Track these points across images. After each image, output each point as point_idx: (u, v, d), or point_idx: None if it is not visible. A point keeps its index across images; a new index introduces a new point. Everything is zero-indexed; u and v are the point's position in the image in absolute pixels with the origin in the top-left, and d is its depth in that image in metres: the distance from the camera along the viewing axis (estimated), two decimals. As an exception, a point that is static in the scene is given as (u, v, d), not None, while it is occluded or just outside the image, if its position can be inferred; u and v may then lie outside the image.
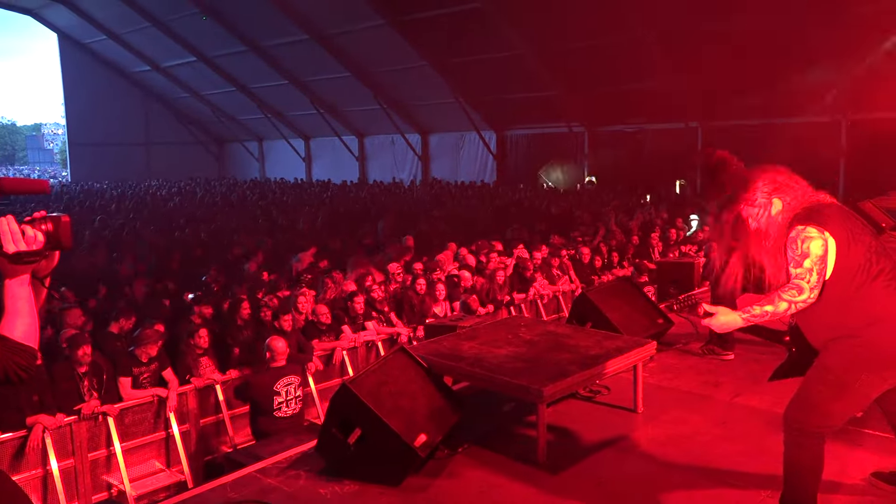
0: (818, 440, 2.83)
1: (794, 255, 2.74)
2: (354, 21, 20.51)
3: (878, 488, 3.28)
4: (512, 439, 4.07)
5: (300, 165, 31.51)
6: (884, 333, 2.70)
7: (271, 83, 26.55)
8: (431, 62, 21.54)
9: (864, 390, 2.77)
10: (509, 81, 21.13)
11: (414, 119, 26.10)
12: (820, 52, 15.09)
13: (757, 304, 2.78)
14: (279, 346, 6.06)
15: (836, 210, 2.80)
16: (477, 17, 18.34)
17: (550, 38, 18.36)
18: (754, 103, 17.17)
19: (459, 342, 4.49)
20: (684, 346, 5.53)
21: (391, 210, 17.14)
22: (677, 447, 3.83)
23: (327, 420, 3.79)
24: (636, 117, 20.64)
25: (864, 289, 2.72)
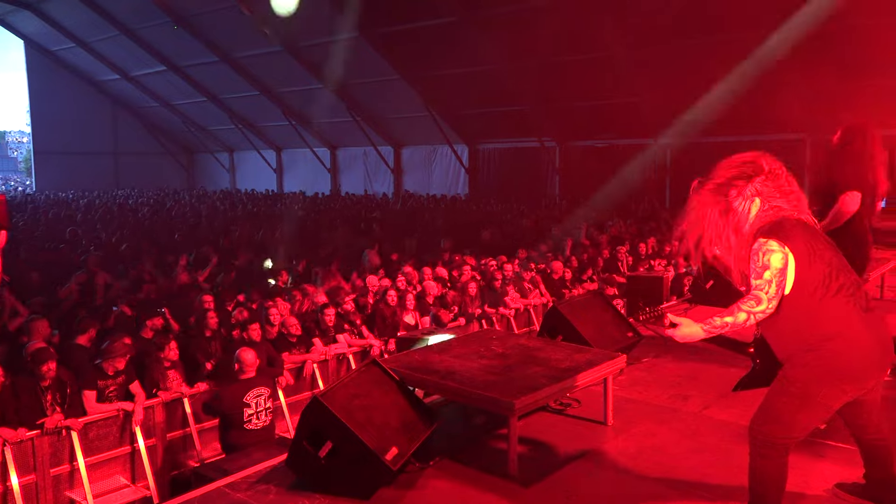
0: (782, 452, 2.88)
1: (756, 266, 2.81)
2: (327, 33, 20.51)
3: (841, 499, 3.35)
4: (483, 452, 4.08)
5: (271, 177, 31.32)
6: (844, 347, 2.77)
7: (243, 94, 26.41)
8: (404, 75, 21.62)
9: (826, 402, 2.84)
10: (482, 95, 21.29)
11: (387, 132, 26.14)
12: (785, 71, 15.48)
13: (717, 316, 2.85)
14: (248, 358, 6.01)
15: (799, 226, 2.88)
16: (450, 32, 18.47)
17: (523, 54, 18.55)
18: (720, 120, 17.53)
19: (431, 355, 4.49)
20: (653, 359, 5.60)
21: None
22: (647, 459, 3.87)
23: (298, 433, 3.76)
24: (606, 133, 20.93)
25: (825, 303, 2.79)
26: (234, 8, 20.47)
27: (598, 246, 12.95)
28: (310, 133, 27.93)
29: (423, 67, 21.09)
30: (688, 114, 18.14)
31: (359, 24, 19.70)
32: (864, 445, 3.17)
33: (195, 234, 15.23)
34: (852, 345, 2.78)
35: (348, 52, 21.12)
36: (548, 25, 16.90)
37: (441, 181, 25.57)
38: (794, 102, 16.19)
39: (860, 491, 3.29)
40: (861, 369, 2.83)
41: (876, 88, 14.56)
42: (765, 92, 16.14)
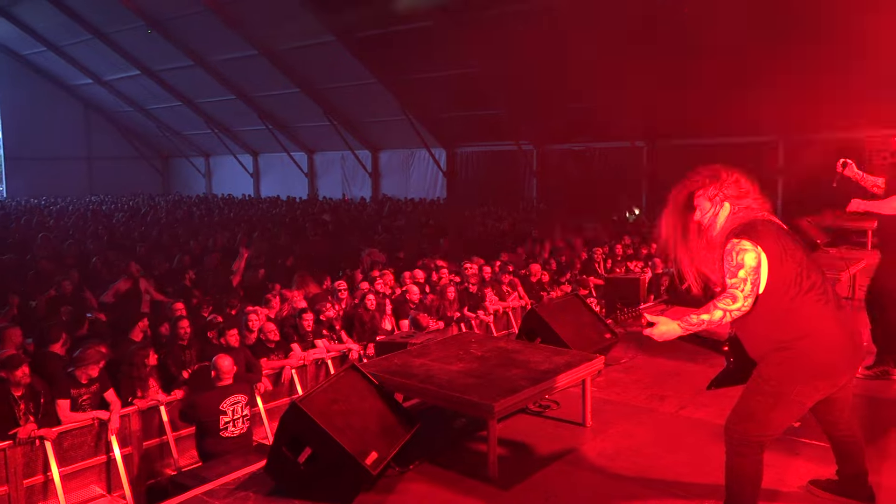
0: (757, 449, 2.92)
1: (730, 266, 2.87)
2: (304, 37, 20.45)
3: (815, 496, 3.40)
4: (463, 455, 4.08)
5: (248, 181, 31.13)
6: (816, 345, 2.82)
7: (218, 98, 26.21)
8: (382, 79, 21.62)
9: (799, 400, 2.89)
10: (459, 99, 21.35)
11: (364, 136, 26.10)
12: (760, 75, 15.72)
13: (694, 314, 2.90)
14: (225, 365, 5.95)
15: (771, 226, 2.94)
16: (428, 36, 18.51)
17: (500, 57, 18.63)
18: (696, 124, 17.77)
19: (410, 359, 4.49)
20: (631, 360, 5.64)
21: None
22: (625, 460, 3.90)
23: (277, 439, 3.73)
24: (584, 136, 21.09)
25: (797, 302, 2.84)
26: (208, 11, 20.35)
27: (576, 248, 13.03)
28: (287, 137, 27.82)
29: (400, 71, 21.11)
30: (664, 117, 18.39)
31: (335, 29, 19.68)
32: (836, 442, 3.23)
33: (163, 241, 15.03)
34: (825, 343, 2.83)
35: (325, 56, 21.10)
36: (524, 29, 17.00)
37: (419, 185, 25.57)
38: (768, 105, 16.44)
39: (834, 487, 3.34)
40: (834, 367, 2.88)
41: (847, 90, 14.82)
42: (739, 95, 16.37)
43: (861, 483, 3.26)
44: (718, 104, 16.91)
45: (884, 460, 3.72)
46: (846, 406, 3.13)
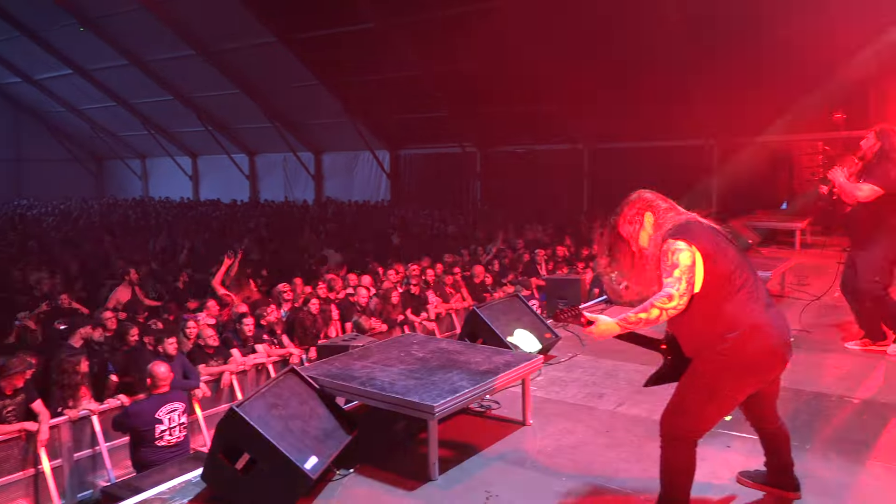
0: (690, 443, 3.00)
1: (666, 266, 2.95)
2: (244, 37, 20.12)
3: (745, 487, 3.51)
4: (405, 457, 4.07)
5: (187, 184, 30.42)
6: (747, 342, 2.92)
7: (155, 98, 25.52)
8: (324, 81, 21.42)
9: (731, 395, 2.98)
10: (403, 101, 21.32)
11: (307, 138, 25.81)
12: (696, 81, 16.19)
13: (632, 312, 2.97)
14: (161, 372, 5.80)
15: (704, 227, 3.04)
16: (370, 37, 18.43)
17: (442, 60, 18.69)
18: (635, 127, 18.17)
19: (351, 362, 4.46)
20: (571, 359, 5.72)
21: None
22: (564, 457, 3.96)
23: (213, 446, 3.66)
24: (527, 138, 21.33)
25: (729, 300, 2.94)
26: (143, 9, 19.81)
27: (519, 250, 13.16)
28: (227, 139, 27.29)
29: (343, 73, 20.96)
30: (605, 120, 18.74)
31: (277, 29, 19.42)
32: (764, 435, 3.34)
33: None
34: (756, 339, 2.92)
35: (266, 56, 20.80)
36: (467, 32, 17.08)
37: (363, 187, 25.43)
38: (703, 110, 16.95)
39: (762, 478, 3.46)
40: (764, 362, 2.98)
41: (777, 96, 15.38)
42: (676, 100, 16.82)
43: (787, 473, 3.38)
44: (656, 108, 17.35)
45: (808, 451, 3.87)
46: (774, 400, 3.25)
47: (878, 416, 4.43)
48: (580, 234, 15.12)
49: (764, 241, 11.44)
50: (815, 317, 7.00)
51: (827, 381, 5.12)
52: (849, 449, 3.95)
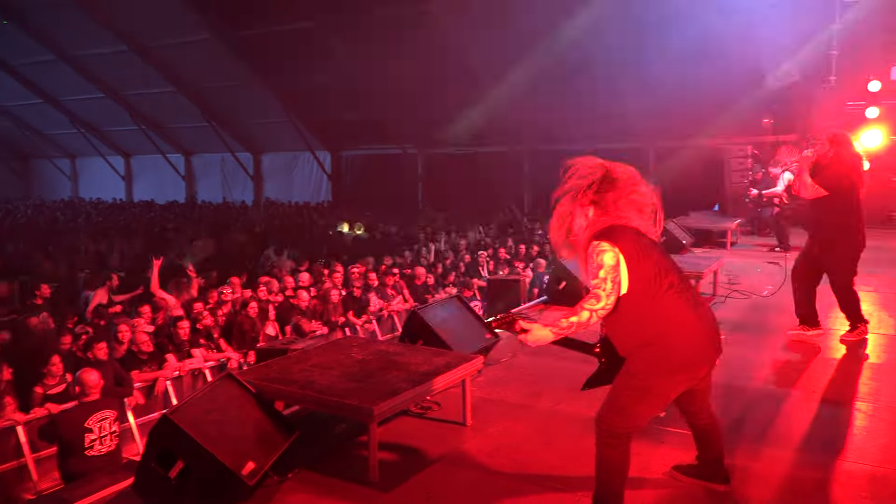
0: (625, 440, 3.07)
1: (592, 267, 3.01)
2: (179, 34, 19.63)
3: (677, 480, 3.61)
4: (344, 460, 4.04)
5: (119, 185, 29.51)
6: (678, 340, 3.00)
7: (85, 96, 24.65)
8: (263, 80, 21.10)
9: (663, 392, 3.06)
10: (343, 102, 21.17)
11: (245, 138, 25.37)
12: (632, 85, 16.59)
13: (563, 317, 3.01)
14: (91, 379, 5.60)
15: (627, 230, 3.10)
16: (309, 37, 18.24)
17: (382, 61, 18.63)
18: (574, 129, 18.49)
19: (290, 365, 4.40)
20: (511, 359, 5.78)
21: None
22: (504, 456, 3.99)
23: (146, 454, 3.56)
24: (467, 141, 21.44)
25: (658, 301, 3.01)
26: (72, 2, 19.11)
27: (460, 251, 13.22)
28: (162, 138, 26.58)
29: (282, 72, 20.68)
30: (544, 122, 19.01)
31: (213, 26, 19.03)
32: (696, 430, 3.44)
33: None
34: (685, 338, 3.01)
35: (202, 54, 20.34)
36: (406, 33, 17.10)
37: (303, 188, 25.16)
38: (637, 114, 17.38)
39: (694, 471, 3.56)
40: (694, 360, 3.07)
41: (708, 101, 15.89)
42: (612, 105, 17.20)
43: (718, 466, 3.50)
44: (595, 112, 17.70)
45: (738, 445, 4.00)
46: (706, 396, 3.35)
47: (805, 408, 4.63)
48: (521, 234, 15.28)
49: (697, 242, 11.78)
50: (746, 313, 7.25)
51: (757, 375, 5.32)
52: (777, 440, 4.11)
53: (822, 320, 6.33)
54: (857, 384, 5.07)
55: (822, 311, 6.34)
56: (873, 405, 4.64)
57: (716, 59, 14.75)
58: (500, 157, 21.23)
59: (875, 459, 3.85)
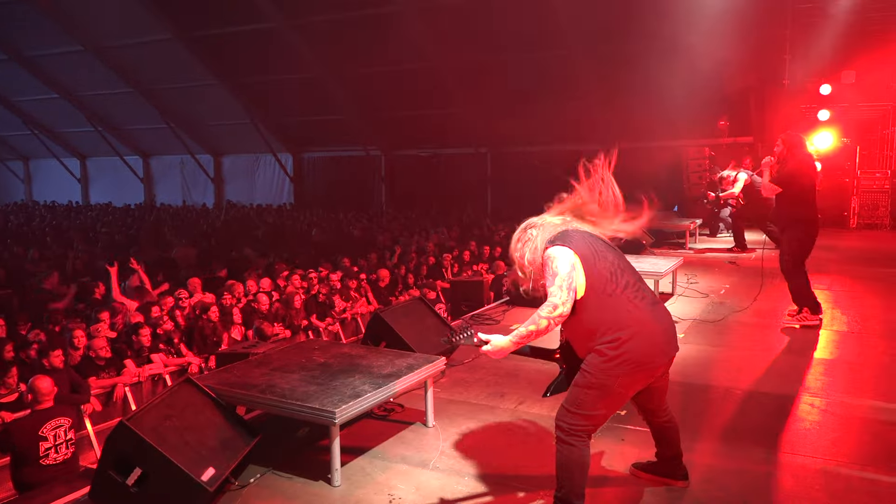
0: (585, 438, 3.11)
1: (548, 275, 3.05)
2: (137, 34, 19.26)
3: (638, 477, 3.67)
4: (307, 464, 4.01)
5: (75, 187, 28.83)
6: (635, 339, 3.04)
7: (39, 97, 24.03)
8: (223, 81, 20.84)
9: (621, 391, 3.10)
10: (305, 103, 21.02)
11: (205, 139, 25.01)
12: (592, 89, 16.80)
13: (522, 326, 3.04)
14: (44, 386, 5.46)
15: (580, 233, 3.16)
16: (271, 37, 18.08)
17: (346, 62, 18.56)
18: (536, 131, 18.65)
19: (250, 369, 4.35)
20: (474, 360, 5.80)
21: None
22: (467, 458, 4.00)
23: (102, 462, 3.49)
24: (429, 142, 21.48)
25: (614, 301, 3.06)
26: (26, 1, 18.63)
27: (424, 253, 13.22)
28: (119, 140, 26.05)
29: (243, 73, 20.46)
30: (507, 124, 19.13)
31: (171, 26, 18.72)
32: (655, 427, 3.50)
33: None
34: (642, 336, 3.06)
35: (161, 54, 20.00)
36: (368, 34, 17.05)
37: (265, 190, 24.90)
38: (597, 117, 17.58)
39: (653, 468, 3.62)
40: (651, 358, 3.12)
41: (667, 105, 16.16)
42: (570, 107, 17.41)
43: (677, 463, 3.56)
44: (556, 114, 17.88)
45: (696, 441, 4.08)
46: (663, 394, 3.41)
47: (760, 404, 4.73)
48: (484, 236, 15.34)
49: (657, 243, 11.98)
50: (704, 312, 7.39)
51: (715, 373, 5.42)
52: (734, 437, 4.20)
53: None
54: (811, 380, 5.21)
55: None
56: (826, 400, 4.77)
57: (675, 63, 15.04)
58: (463, 159, 21.30)
59: (827, 453, 3.96)
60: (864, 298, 7.90)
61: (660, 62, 15.28)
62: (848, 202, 14.61)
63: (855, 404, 4.70)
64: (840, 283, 8.74)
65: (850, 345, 6.15)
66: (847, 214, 14.67)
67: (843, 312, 7.24)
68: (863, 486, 3.57)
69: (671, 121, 16.27)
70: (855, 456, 3.92)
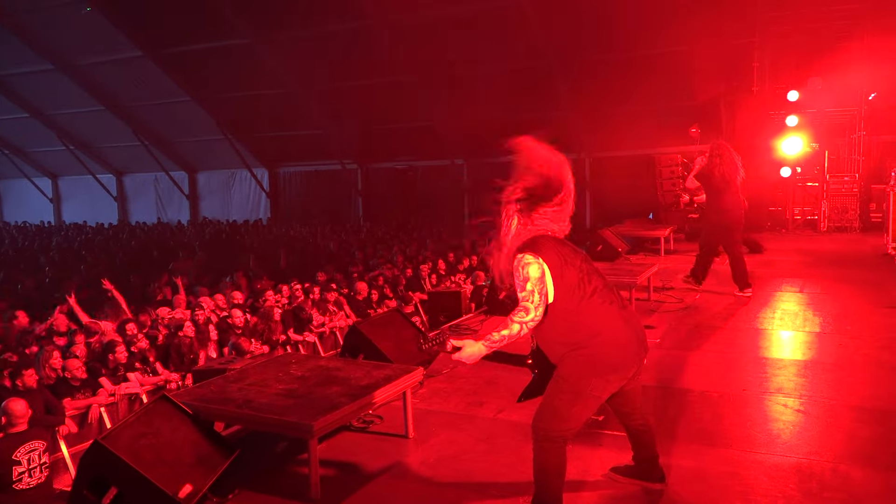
0: (561, 443, 3.13)
1: (518, 281, 3.08)
2: (107, 52, 19.13)
3: (615, 481, 3.69)
4: (286, 478, 3.99)
5: (47, 207, 28.43)
6: (606, 342, 3.09)
7: (8, 116, 23.72)
8: (196, 97, 20.75)
9: (594, 394, 3.14)
10: (280, 118, 21.00)
11: (179, 156, 24.85)
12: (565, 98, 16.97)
13: (495, 331, 3.07)
14: (17, 409, 5.36)
15: (549, 240, 3.17)
16: (244, 53, 18.06)
17: (319, 77, 18.58)
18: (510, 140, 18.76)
19: (227, 385, 4.33)
20: (453, 370, 5.81)
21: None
22: (446, 466, 4.01)
23: (77, 482, 3.46)
24: (406, 154, 21.53)
25: (584, 306, 3.10)
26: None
27: (401, 265, 13.21)
28: (91, 158, 25.78)
29: (216, 89, 20.39)
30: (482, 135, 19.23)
31: (143, 43, 18.62)
32: (631, 431, 3.53)
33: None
34: (613, 340, 3.10)
35: (132, 71, 19.88)
36: (340, 50, 17.10)
37: (241, 206, 24.77)
38: (573, 127, 17.76)
39: (630, 472, 3.65)
40: (622, 360, 3.16)
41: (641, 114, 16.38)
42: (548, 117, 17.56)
43: (653, 465, 3.60)
44: (531, 124, 17.95)
45: (672, 444, 4.12)
46: (637, 397, 3.44)
47: (735, 407, 4.79)
48: (462, 247, 15.37)
49: (632, 249, 12.08)
50: (680, 317, 7.46)
51: (690, 376, 5.48)
52: (709, 439, 4.24)
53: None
54: (784, 381, 5.28)
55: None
56: (800, 400, 4.85)
57: (648, 71, 15.26)
58: (439, 171, 21.37)
59: (802, 452, 4.02)
60: (835, 300, 8.03)
61: (631, 71, 15.51)
62: (818, 206, 14.86)
63: (828, 404, 4.77)
64: (812, 285, 8.88)
65: (823, 346, 6.25)
66: (817, 218, 14.92)
67: (815, 314, 7.36)
68: (836, 483, 3.63)
69: (643, 129, 16.48)
70: (828, 454, 3.99)
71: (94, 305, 9.58)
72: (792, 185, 14.87)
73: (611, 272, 7.82)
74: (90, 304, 9.64)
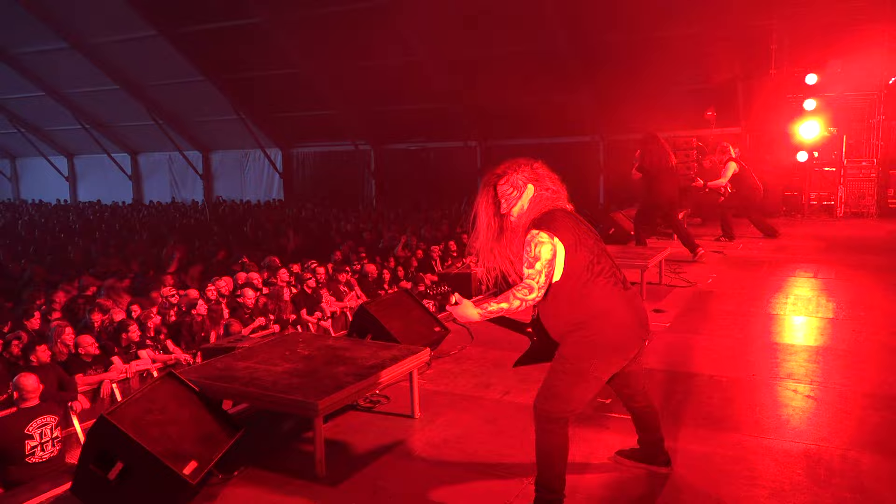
0: (563, 424, 3.11)
1: (528, 256, 3.06)
2: (123, 30, 19.13)
3: (621, 465, 3.68)
4: (291, 456, 4.01)
5: (63, 185, 28.66)
6: (608, 323, 3.08)
7: (24, 94, 23.84)
8: (211, 77, 20.73)
9: (597, 374, 3.12)
10: (293, 99, 20.95)
11: (193, 136, 24.89)
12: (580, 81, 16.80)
13: (494, 301, 3.07)
14: (29, 384, 5.44)
15: (568, 217, 3.16)
16: (257, 33, 17.99)
17: (333, 57, 18.49)
18: (528, 124, 18.66)
19: (234, 363, 4.34)
20: (461, 351, 5.81)
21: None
22: (451, 447, 4.01)
23: (83, 457, 3.48)
24: (419, 136, 21.44)
25: (590, 286, 3.08)
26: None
27: (413, 247, 13.21)
28: (107, 137, 25.90)
29: (230, 69, 20.36)
30: (495, 117, 19.14)
31: (158, 22, 18.60)
32: (635, 413, 3.51)
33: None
34: (615, 320, 3.09)
35: (147, 51, 19.88)
36: (354, 30, 17.00)
37: (255, 186, 24.83)
38: (588, 109, 17.61)
39: (635, 455, 3.64)
40: (624, 341, 3.14)
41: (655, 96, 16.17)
42: (563, 100, 17.42)
43: (659, 448, 3.58)
44: (549, 108, 17.89)
45: (678, 427, 4.10)
46: (640, 379, 3.42)
47: (743, 392, 4.76)
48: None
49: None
50: (689, 301, 7.41)
51: (699, 360, 5.45)
52: (717, 424, 4.21)
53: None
54: (795, 367, 5.23)
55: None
56: (810, 386, 4.80)
57: (663, 54, 15.06)
58: (453, 153, 21.29)
59: (811, 438, 3.98)
60: (849, 286, 7.94)
61: (646, 53, 15.30)
62: (835, 191, 14.67)
63: (839, 390, 4.72)
64: (826, 270, 8.78)
65: (836, 332, 6.18)
66: (833, 203, 14.73)
67: (828, 300, 7.28)
68: (844, 470, 3.59)
69: (659, 112, 16.29)
70: (838, 440, 3.95)
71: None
72: (809, 170, 14.67)
73: (621, 255, 7.76)
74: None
